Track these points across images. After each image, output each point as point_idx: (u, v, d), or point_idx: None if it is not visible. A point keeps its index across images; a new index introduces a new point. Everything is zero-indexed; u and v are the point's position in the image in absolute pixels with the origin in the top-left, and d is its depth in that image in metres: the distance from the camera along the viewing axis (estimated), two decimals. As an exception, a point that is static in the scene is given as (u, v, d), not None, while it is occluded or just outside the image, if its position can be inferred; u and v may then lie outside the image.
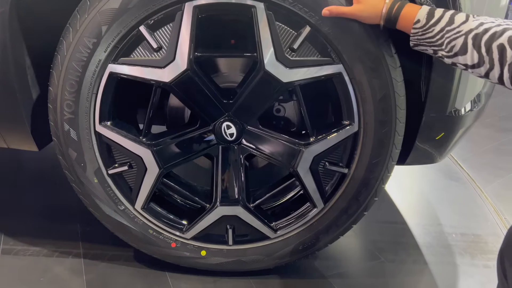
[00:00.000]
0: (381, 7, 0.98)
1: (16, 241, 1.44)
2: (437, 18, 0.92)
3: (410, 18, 0.95)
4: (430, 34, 0.93)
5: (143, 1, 1.01)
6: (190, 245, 1.28)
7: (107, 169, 1.19)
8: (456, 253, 1.54)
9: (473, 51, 0.88)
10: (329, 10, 1.00)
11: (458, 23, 0.90)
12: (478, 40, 0.87)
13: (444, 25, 0.91)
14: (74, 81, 1.09)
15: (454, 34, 0.90)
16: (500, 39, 0.84)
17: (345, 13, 1.01)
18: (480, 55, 0.87)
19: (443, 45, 0.92)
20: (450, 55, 0.92)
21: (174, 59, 1.06)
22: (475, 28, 0.88)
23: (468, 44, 0.88)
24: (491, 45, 0.85)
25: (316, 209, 1.23)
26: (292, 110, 1.32)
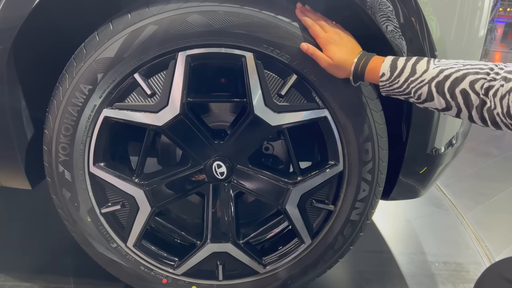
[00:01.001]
0: (349, 65, 1.02)
1: (7, 276, 1.45)
2: (400, 69, 0.96)
3: (375, 72, 0.99)
4: (396, 85, 0.97)
5: (138, 51, 1.06)
6: (181, 281, 1.31)
7: (100, 208, 1.22)
8: (439, 283, 1.59)
9: (438, 97, 0.92)
10: (308, 48, 1.04)
11: (420, 73, 0.94)
12: (441, 87, 0.91)
13: (407, 76, 0.95)
14: (69, 125, 1.13)
15: (418, 83, 0.94)
16: (461, 84, 0.88)
17: (318, 59, 1.04)
18: (446, 101, 0.91)
19: (410, 93, 0.96)
20: (420, 101, 0.96)
21: (167, 104, 1.11)
22: (436, 76, 0.92)
23: (433, 92, 0.92)
24: (454, 90, 0.89)
25: (304, 245, 1.28)
26: (280, 148, 1.37)
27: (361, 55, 1.02)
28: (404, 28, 1.06)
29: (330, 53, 1.03)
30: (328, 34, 1.04)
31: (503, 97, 0.84)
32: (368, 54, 1.03)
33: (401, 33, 1.06)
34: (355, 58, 1.02)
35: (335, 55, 1.02)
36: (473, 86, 0.87)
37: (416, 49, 1.08)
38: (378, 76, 0.99)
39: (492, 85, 0.86)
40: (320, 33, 1.04)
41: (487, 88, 0.86)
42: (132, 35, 1.05)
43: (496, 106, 0.85)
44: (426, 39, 1.08)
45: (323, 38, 1.03)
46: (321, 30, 1.04)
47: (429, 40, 1.09)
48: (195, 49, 1.07)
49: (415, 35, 1.07)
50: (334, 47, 1.03)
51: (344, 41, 1.04)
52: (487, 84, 0.86)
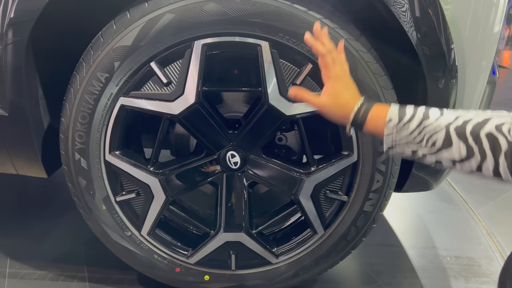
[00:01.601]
0: (350, 108, 0.92)
1: (22, 264, 1.47)
2: (410, 115, 0.86)
3: (379, 119, 0.89)
4: (406, 132, 0.86)
5: (154, 39, 1.07)
6: (194, 270, 1.32)
7: (115, 197, 1.23)
8: (451, 276, 1.59)
9: (459, 142, 0.80)
10: (295, 94, 0.98)
11: (435, 118, 0.83)
12: (463, 130, 0.79)
13: (420, 121, 0.84)
14: (86, 113, 1.14)
15: (433, 128, 0.83)
16: (485, 128, 0.78)
17: (309, 102, 0.97)
18: (467, 146, 0.79)
19: (422, 141, 0.84)
20: (433, 151, 0.83)
21: (183, 93, 1.11)
22: (454, 121, 0.81)
23: (452, 136, 0.80)
24: (478, 134, 0.78)
25: (316, 235, 1.28)
26: (293, 140, 1.37)
27: (364, 100, 0.93)
28: (420, 21, 1.05)
29: (335, 90, 0.95)
30: (336, 69, 0.95)
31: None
32: (370, 101, 0.94)
33: (417, 25, 1.05)
34: (358, 102, 0.93)
35: (339, 94, 0.94)
36: (501, 128, 0.77)
37: (432, 42, 1.08)
38: (382, 123, 0.88)
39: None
40: (331, 67, 0.95)
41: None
42: (149, 24, 1.06)
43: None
44: (443, 32, 1.08)
45: (333, 72, 0.95)
46: (333, 64, 0.96)
47: (446, 33, 1.08)
48: (211, 38, 1.08)
49: (431, 28, 1.06)
50: (340, 85, 0.95)
51: (350, 82, 0.97)
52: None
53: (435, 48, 1.09)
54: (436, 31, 1.08)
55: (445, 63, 1.11)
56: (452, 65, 1.11)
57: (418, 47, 1.08)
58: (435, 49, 1.09)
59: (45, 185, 2.01)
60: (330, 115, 0.97)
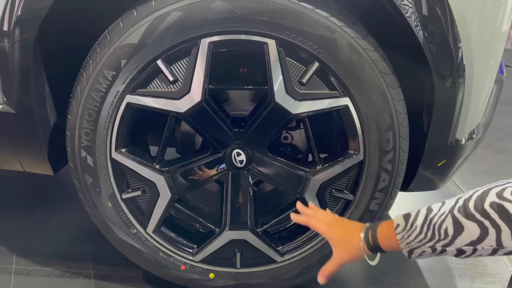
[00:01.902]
0: (357, 241, 0.96)
1: (28, 261, 1.48)
2: (414, 215, 0.88)
3: (389, 233, 0.91)
4: (416, 232, 0.86)
5: (161, 37, 1.07)
6: (199, 267, 1.32)
7: (121, 194, 1.24)
8: (456, 276, 1.58)
9: (468, 222, 0.79)
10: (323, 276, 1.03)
11: (437, 208, 0.85)
12: (467, 209, 0.79)
13: (424, 216, 0.86)
14: (92, 111, 1.14)
15: (438, 218, 0.83)
16: (487, 199, 0.76)
17: (333, 269, 1.01)
18: (478, 223, 0.77)
19: (435, 235, 0.83)
20: (448, 241, 0.82)
21: (189, 91, 1.11)
22: (455, 203, 0.82)
23: (459, 219, 0.80)
24: (482, 207, 0.77)
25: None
26: (299, 138, 1.36)
27: (367, 228, 0.97)
28: (427, 19, 1.05)
29: (336, 238, 1.01)
30: (327, 222, 1.04)
31: None
32: (374, 224, 0.96)
33: (424, 24, 1.05)
34: (361, 232, 0.97)
35: (341, 239, 1.00)
36: (502, 194, 0.75)
37: (439, 41, 1.08)
38: (393, 235, 0.90)
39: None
40: (318, 224, 1.05)
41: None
42: (156, 22, 1.06)
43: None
44: (450, 30, 1.07)
45: (323, 227, 1.04)
46: (319, 221, 1.06)
47: (453, 32, 1.08)
48: (218, 36, 1.08)
49: (439, 26, 1.06)
50: (336, 231, 1.02)
51: (344, 222, 1.06)
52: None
53: (443, 47, 1.09)
54: (443, 30, 1.07)
55: (452, 62, 1.10)
56: (459, 64, 1.11)
57: (425, 46, 1.08)
58: (442, 48, 1.09)
59: (51, 182, 2.01)
60: (351, 261, 1.00)
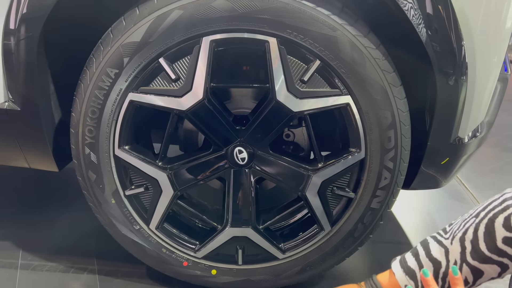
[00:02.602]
0: None
1: (34, 256, 1.50)
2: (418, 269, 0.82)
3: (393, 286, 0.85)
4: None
5: (163, 35, 1.08)
6: (201, 264, 1.33)
7: (124, 191, 1.25)
8: (460, 275, 1.58)
9: (487, 266, 0.76)
10: None
11: (444, 257, 0.80)
12: (480, 254, 0.75)
13: (433, 271, 0.81)
14: (96, 108, 1.15)
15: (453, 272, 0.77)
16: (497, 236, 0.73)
17: None
18: (497, 263, 0.75)
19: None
20: (469, 286, 0.79)
21: (191, 89, 1.12)
22: (463, 249, 0.77)
23: (477, 266, 0.76)
24: (497, 247, 0.74)
25: (323, 232, 1.28)
26: (301, 136, 1.37)
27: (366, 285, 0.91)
28: (430, 17, 1.04)
29: None
30: None
31: None
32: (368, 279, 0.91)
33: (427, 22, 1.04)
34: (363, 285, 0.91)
35: None
36: (510, 226, 0.72)
37: (442, 39, 1.07)
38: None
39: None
40: None
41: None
42: (158, 20, 1.07)
43: None
44: (453, 28, 1.07)
45: None
46: None
47: (456, 30, 1.07)
48: (219, 34, 1.08)
49: (441, 24, 1.06)
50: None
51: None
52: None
53: (445, 45, 1.08)
54: (446, 28, 1.07)
55: (455, 59, 1.10)
56: (462, 61, 1.10)
57: (428, 44, 1.07)
58: (445, 46, 1.08)
59: (56, 178, 2.04)
60: None
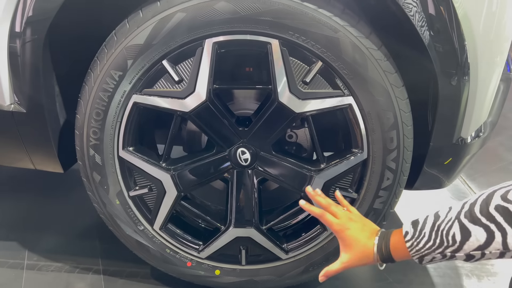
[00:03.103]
0: (371, 248, 0.97)
1: (40, 256, 1.51)
2: (422, 222, 0.90)
3: (400, 242, 0.92)
4: (425, 239, 0.89)
5: (166, 38, 1.09)
6: (205, 264, 1.34)
7: (129, 192, 1.26)
8: (463, 275, 1.57)
9: (474, 227, 0.80)
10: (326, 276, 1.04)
11: (444, 214, 0.86)
12: (472, 214, 0.80)
13: (432, 223, 0.88)
14: (100, 110, 1.17)
15: (446, 224, 0.85)
16: (492, 202, 0.78)
17: (339, 271, 1.02)
18: (484, 227, 0.79)
19: (443, 241, 0.85)
20: (456, 247, 0.84)
21: (194, 90, 1.13)
22: (461, 209, 0.83)
23: (466, 224, 0.81)
24: (488, 211, 0.78)
25: (326, 232, 1.28)
26: (303, 137, 1.37)
27: (381, 234, 0.98)
28: (432, 18, 1.05)
29: (347, 241, 1.01)
30: (341, 220, 1.03)
31: None
32: (387, 231, 0.98)
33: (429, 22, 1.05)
34: (375, 239, 0.97)
35: (353, 243, 1.00)
36: (507, 197, 0.76)
37: (444, 39, 1.08)
38: (403, 244, 0.92)
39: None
40: (333, 221, 1.03)
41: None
42: (161, 23, 1.08)
43: None
44: (455, 28, 1.07)
45: (337, 225, 1.02)
46: (333, 218, 1.04)
47: (458, 30, 1.08)
48: (222, 36, 1.09)
49: (443, 24, 1.06)
50: (350, 234, 1.01)
51: (359, 225, 1.02)
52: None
53: (447, 45, 1.08)
54: (448, 28, 1.07)
55: (457, 60, 1.10)
56: (464, 62, 1.11)
57: (430, 45, 1.08)
58: (447, 46, 1.09)
59: (61, 180, 2.05)
60: (357, 265, 1.01)
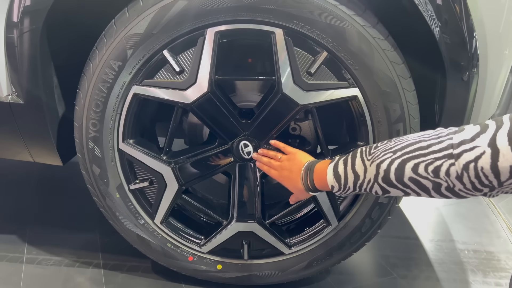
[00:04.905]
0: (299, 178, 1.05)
1: (39, 250, 1.50)
2: (344, 178, 0.92)
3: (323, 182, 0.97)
4: (350, 190, 0.93)
5: (167, 27, 1.06)
6: (206, 259, 1.32)
7: (129, 185, 1.24)
8: (468, 270, 1.55)
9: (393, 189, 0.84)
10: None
11: (362, 174, 0.88)
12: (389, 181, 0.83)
13: (353, 181, 0.91)
14: (99, 101, 1.14)
15: (367, 184, 0.88)
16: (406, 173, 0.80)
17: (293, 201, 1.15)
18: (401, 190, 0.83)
19: (369, 193, 0.90)
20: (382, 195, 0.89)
21: (195, 81, 1.10)
22: (377, 173, 0.85)
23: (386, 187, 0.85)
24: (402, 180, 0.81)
25: (330, 227, 1.26)
26: (307, 129, 1.34)
27: (306, 165, 1.04)
28: (441, 8, 1.02)
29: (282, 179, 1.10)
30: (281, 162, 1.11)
31: (460, 176, 0.72)
32: (309, 167, 1.03)
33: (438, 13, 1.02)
34: (301, 170, 1.04)
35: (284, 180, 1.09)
36: (417, 171, 0.78)
37: (453, 30, 1.04)
38: (328, 187, 0.97)
39: (439, 165, 0.75)
40: (272, 164, 1.13)
41: (434, 170, 0.76)
42: (162, 11, 1.05)
43: (455, 185, 0.75)
44: (465, 20, 1.04)
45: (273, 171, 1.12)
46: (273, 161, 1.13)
47: (468, 21, 1.04)
48: (224, 25, 1.06)
49: (452, 16, 1.03)
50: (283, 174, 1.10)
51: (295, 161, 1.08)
52: (431, 167, 0.76)
53: (457, 36, 1.05)
54: (457, 19, 1.04)
55: (466, 51, 1.07)
56: (473, 54, 1.07)
57: (439, 36, 1.05)
58: (456, 37, 1.05)
59: (60, 172, 2.03)
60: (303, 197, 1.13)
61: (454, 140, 0.74)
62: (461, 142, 0.73)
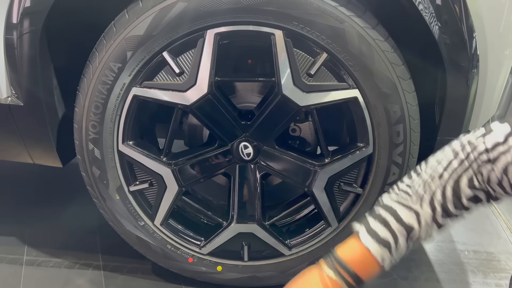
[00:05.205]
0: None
1: (39, 252, 1.49)
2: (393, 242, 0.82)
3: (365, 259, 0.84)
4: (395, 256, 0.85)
5: (167, 29, 1.06)
6: (206, 260, 1.32)
7: (129, 187, 1.24)
8: (469, 271, 1.55)
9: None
10: None
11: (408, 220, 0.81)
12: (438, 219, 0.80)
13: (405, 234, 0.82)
14: (99, 103, 1.14)
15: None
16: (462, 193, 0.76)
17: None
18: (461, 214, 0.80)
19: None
20: None
21: (195, 83, 1.10)
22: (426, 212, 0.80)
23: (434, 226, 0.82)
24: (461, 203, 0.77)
25: (330, 228, 1.26)
26: (307, 131, 1.34)
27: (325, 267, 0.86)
28: (441, 9, 1.02)
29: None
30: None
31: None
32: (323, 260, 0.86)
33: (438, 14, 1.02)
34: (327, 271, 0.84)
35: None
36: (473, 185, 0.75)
37: (453, 31, 1.04)
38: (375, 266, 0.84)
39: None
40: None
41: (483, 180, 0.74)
42: (161, 13, 1.05)
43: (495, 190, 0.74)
44: (464, 20, 1.04)
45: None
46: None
47: (467, 22, 1.05)
48: (224, 27, 1.06)
49: (452, 16, 1.03)
50: None
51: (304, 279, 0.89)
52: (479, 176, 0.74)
53: (456, 37, 1.05)
54: (457, 19, 1.04)
55: (466, 52, 1.07)
56: (473, 54, 1.07)
57: (439, 37, 1.05)
58: (456, 38, 1.05)
59: (60, 174, 2.03)
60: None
61: (487, 143, 0.71)
62: (496, 144, 0.70)
